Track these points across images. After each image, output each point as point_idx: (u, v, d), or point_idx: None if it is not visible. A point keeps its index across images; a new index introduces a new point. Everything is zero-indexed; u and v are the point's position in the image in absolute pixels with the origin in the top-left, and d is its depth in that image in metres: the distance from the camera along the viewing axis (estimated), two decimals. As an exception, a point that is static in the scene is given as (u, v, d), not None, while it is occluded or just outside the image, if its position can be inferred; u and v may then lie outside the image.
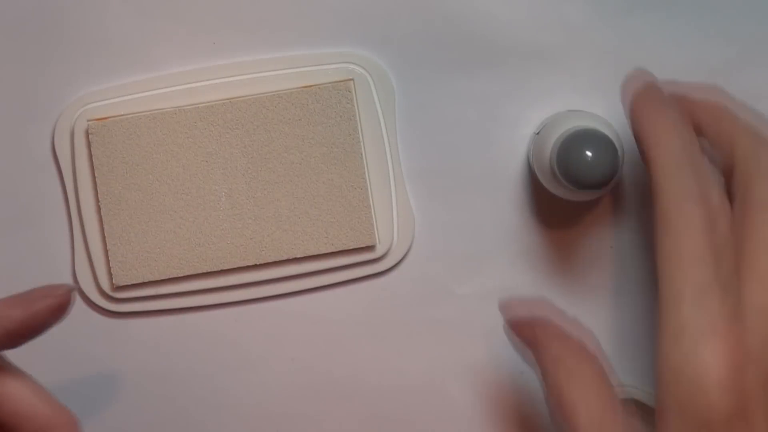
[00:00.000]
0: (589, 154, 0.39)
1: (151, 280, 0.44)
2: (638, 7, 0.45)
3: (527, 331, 0.38)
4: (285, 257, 0.44)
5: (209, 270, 0.44)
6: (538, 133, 0.43)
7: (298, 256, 0.44)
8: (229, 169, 0.44)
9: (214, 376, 0.46)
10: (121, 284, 0.44)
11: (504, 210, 0.46)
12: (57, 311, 0.37)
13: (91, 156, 0.44)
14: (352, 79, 0.44)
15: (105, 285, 0.45)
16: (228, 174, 0.44)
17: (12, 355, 0.43)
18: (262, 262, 0.44)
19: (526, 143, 0.45)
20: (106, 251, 0.44)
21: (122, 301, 0.45)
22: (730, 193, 0.35)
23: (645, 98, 0.37)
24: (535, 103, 0.45)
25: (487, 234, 0.46)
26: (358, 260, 0.45)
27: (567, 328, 0.38)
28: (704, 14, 0.45)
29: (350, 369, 0.46)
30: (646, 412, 0.46)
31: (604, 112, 0.45)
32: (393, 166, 0.45)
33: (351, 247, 0.44)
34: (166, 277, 0.44)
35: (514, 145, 0.45)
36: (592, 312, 0.46)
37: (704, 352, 0.31)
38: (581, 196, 0.43)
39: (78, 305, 0.45)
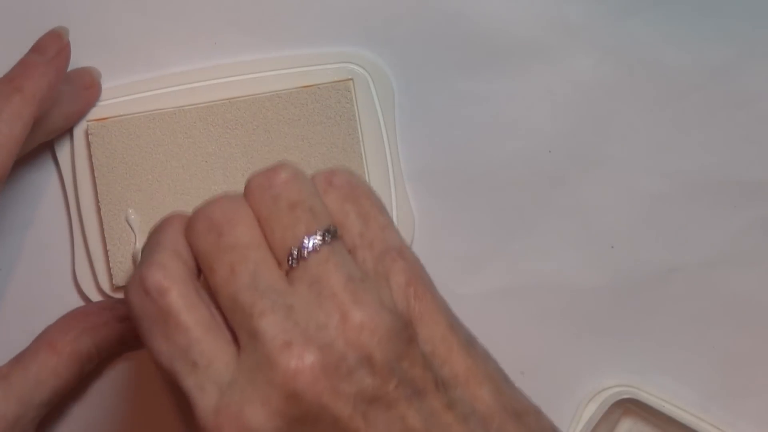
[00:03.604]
0: None
1: (151, 280, 0.44)
2: (638, 7, 0.45)
3: None
4: (285, 257, 0.44)
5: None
6: None
7: (298, 256, 0.44)
8: (228, 170, 0.44)
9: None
10: (122, 284, 0.44)
11: (504, 210, 0.46)
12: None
13: (90, 156, 0.44)
14: (352, 79, 0.44)
15: (105, 285, 0.45)
16: (228, 174, 0.44)
17: (11, 351, 0.43)
18: (262, 262, 0.44)
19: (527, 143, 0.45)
20: (105, 251, 0.44)
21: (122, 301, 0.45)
22: None
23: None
24: (536, 102, 0.45)
25: (487, 234, 0.46)
26: (358, 260, 0.45)
27: None
28: (704, 14, 0.45)
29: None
30: (646, 411, 0.46)
31: (606, 111, 0.45)
32: (393, 167, 0.45)
33: (351, 248, 0.44)
34: (166, 278, 0.44)
35: (514, 145, 0.45)
36: (592, 312, 0.46)
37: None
38: None
39: (79, 305, 0.45)
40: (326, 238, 0.33)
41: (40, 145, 0.44)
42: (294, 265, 0.33)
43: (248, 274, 0.32)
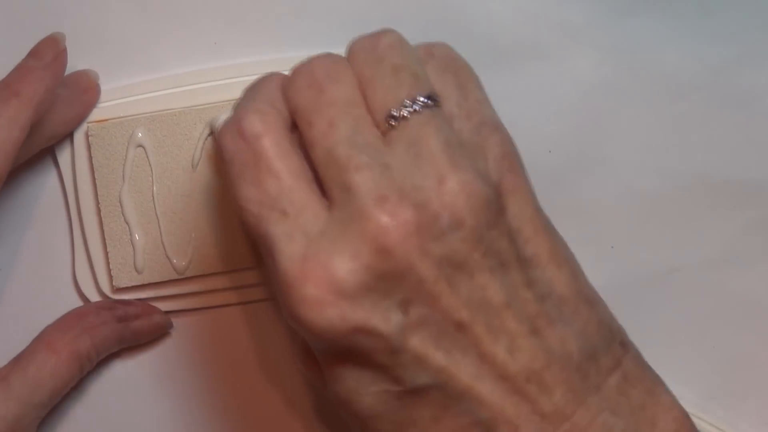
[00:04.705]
0: None
1: (151, 282, 0.44)
2: (638, 7, 0.45)
3: None
4: (285, 258, 0.44)
5: (209, 272, 0.44)
6: None
7: (299, 257, 0.44)
8: (229, 171, 0.44)
9: (215, 377, 0.46)
10: (122, 286, 0.44)
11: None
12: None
13: (90, 158, 0.44)
14: (352, 80, 0.44)
15: (105, 287, 0.45)
16: (228, 176, 0.44)
17: (11, 352, 0.43)
18: (263, 263, 0.44)
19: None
20: (106, 253, 0.44)
21: (122, 302, 0.45)
22: None
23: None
24: (536, 102, 0.45)
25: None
26: (358, 261, 0.45)
27: None
28: (704, 14, 0.45)
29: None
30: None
31: (606, 111, 0.45)
32: (393, 167, 0.45)
33: (351, 249, 0.44)
34: (166, 279, 0.44)
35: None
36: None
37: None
38: None
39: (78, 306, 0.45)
40: (427, 103, 0.33)
41: (40, 147, 0.45)
42: (393, 126, 0.33)
43: (347, 129, 0.32)
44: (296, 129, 0.34)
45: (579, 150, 0.45)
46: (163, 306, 0.45)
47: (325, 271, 0.31)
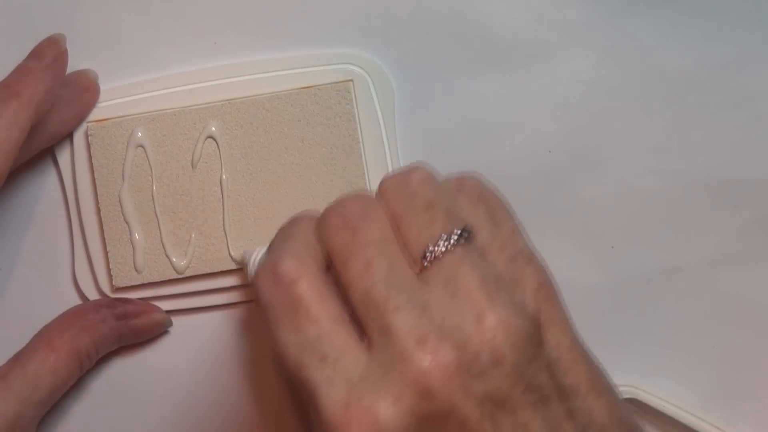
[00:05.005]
0: None
1: (150, 281, 0.44)
2: (638, 7, 0.44)
3: None
4: (285, 258, 0.44)
5: (209, 271, 0.44)
6: None
7: (298, 257, 0.44)
8: (228, 171, 0.44)
9: (215, 377, 0.46)
10: (121, 286, 0.44)
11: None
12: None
13: (90, 158, 0.44)
14: (352, 80, 0.44)
15: (105, 287, 0.45)
16: (228, 175, 0.44)
17: (11, 351, 0.43)
18: (262, 263, 0.44)
19: (518, 148, 0.45)
20: (105, 253, 0.44)
21: (122, 302, 0.45)
22: None
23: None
24: (536, 102, 0.45)
25: (487, 234, 0.46)
26: (357, 261, 0.45)
27: None
28: (704, 14, 0.45)
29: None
30: (646, 411, 0.46)
31: (606, 111, 0.45)
32: (392, 167, 0.45)
33: (351, 249, 0.44)
34: (166, 279, 0.44)
35: (514, 146, 0.45)
36: (592, 312, 0.46)
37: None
38: None
39: (78, 306, 0.45)
40: (461, 239, 0.33)
41: (40, 147, 0.45)
42: (428, 264, 0.33)
43: (383, 269, 0.32)
44: (331, 268, 0.34)
45: (579, 150, 0.45)
46: (162, 305, 0.45)
47: (369, 415, 0.31)
